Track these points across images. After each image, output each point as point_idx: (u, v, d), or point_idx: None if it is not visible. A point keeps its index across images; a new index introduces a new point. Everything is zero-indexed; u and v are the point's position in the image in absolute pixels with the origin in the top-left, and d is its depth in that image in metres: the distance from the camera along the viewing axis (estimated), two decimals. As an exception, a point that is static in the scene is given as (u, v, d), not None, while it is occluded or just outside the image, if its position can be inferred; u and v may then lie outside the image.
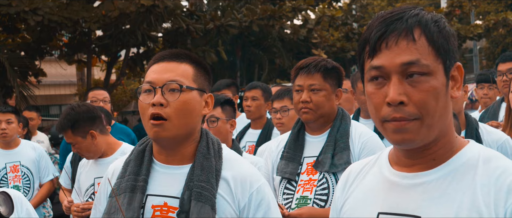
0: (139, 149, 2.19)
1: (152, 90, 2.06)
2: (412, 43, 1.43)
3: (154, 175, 2.12)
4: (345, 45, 16.27)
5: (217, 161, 2.10)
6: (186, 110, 2.06)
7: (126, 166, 2.16)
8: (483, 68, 25.27)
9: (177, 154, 2.11)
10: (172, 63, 2.11)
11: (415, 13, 1.47)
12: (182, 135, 2.07)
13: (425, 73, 1.43)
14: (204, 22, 13.09)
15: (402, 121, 1.43)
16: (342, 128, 3.14)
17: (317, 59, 3.19)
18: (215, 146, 2.14)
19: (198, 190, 2.01)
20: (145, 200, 2.08)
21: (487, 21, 18.38)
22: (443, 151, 1.50)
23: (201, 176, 2.04)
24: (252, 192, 2.07)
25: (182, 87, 2.05)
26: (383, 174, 1.58)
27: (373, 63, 1.46)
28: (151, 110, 2.04)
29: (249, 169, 2.14)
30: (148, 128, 2.05)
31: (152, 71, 2.11)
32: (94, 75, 19.41)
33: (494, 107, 4.92)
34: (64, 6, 11.11)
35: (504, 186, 1.41)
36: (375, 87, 1.47)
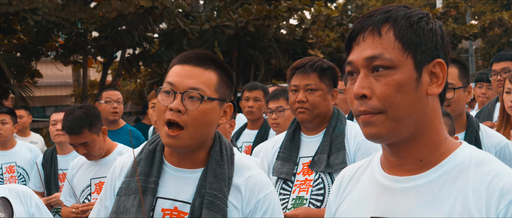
0: (150, 149, 2.14)
1: (172, 93, 2.02)
2: (377, 38, 1.46)
3: (165, 177, 2.09)
4: (341, 45, 16.27)
5: (229, 168, 2.07)
6: (204, 120, 2.02)
7: (137, 165, 2.12)
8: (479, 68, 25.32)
9: (189, 157, 2.08)
10: (197, 68, 2.05)
11: (387, 10, 1.49)
12: (195, 144, 2.04)
13: (389, 66, 1.45)
14: (200, 23, 13.09)
15: (366, 114, 1.45)
16: (337, 128, 3.15)
17: (313, 59, 3.20)
18: (228, 152, 2.11)
19: (211, 198, 1.99)
20: (155, 202, 2.05)
21: (483, 21, 18.40)
22: (429, 151, 1.49)
23: (214, 184, 2.01)
24: (259, 199, 2.05)
25: (203, 98, 2.01)
26: (375, 178, 1.58)
27: (347, 60, 1.51)
28: (168, 114, 2.00)
29: (259, 175, 2.11)
30: (163, 134, 2.01)
31: (174, 72, 2.06)
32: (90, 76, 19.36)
33: (489, 107, 4.93)
34: (61, 7, 11.10)
35: (496, 191, 1.41)
36: (350, 82, 1.51)
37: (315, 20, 15.17)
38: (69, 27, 11.09)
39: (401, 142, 1.49)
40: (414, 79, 1.45)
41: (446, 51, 1.51)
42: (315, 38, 15.84)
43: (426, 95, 1.47)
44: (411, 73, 1.45)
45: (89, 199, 3.87)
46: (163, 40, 13.37)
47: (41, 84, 15.08)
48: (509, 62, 4.94)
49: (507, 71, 4.76)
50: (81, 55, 13.15)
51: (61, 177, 4.90)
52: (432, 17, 1.52)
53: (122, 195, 2.08)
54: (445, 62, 1.50)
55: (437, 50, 1.49)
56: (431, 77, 1.48)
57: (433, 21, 1.51)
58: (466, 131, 3.43)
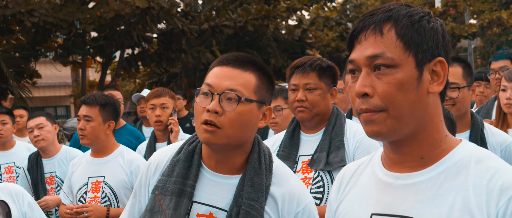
0: (188, 150, 2.11)
1: (210, 95, 2.00)
2: (379, 37, 1.47)
3: (202, 181, 2.06)
4: (340, 45, 16.29)
5: (267, 177, 2.04)
6: (241, 122, 1.99)
7: (174, 165, 2.08)
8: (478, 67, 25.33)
9: (227, 162, 2.05)
10: (236, 70, 2.03)
11: (389, 9, 1.50)
12: (233, 145, 2.02)
13: (390, 65, 1.45)
14: (199, 23, 13.10)
15: (368, 112, 1.46)
16: (337, 126, 3.16)
17: (312, 58, 3.21)
18: (266, 160, 2.08)
19: (247, 209, 1.96)
20: (190, 206, 2.02)
21: (482, 20, 18.44)
22: (430, 148, 1.50)
23: (251, 193, 1.98)
24: (298, 212, 2.03)
25: (241, 99, 1.99)
26: (376, 175, 1.59)
27: (349, 58, 1.52)
28: (205, 115, 1.98)
29: (298, 186, 2.09)
30: (200, 131, 1.99)
31: (213, 74, 2.04)
32: (89, 76, 19.39)
33: (487, 106, 4.94)
34: (59, 7, 11.11)
35: (496, 188, 1.41)
36: (352, 80, 1.52)
37: (313, 21, 15.19)
38: (67, 27, 11.11)
39: (402, 139, 1.49)
40: (415, 78, 1.46)
41: (447, 49, 1.52)
42: (314, 38, 15.86)
43: (427, 94, 1.48)
44: (412, 72, 1.46)
45: (85, 197, 3.86)
46: (162, 40, 13.38)
47: (40, 85, 15.09)
48: (508, 61, 4.95)
49: (505, 69, 4.77)
50: (80, 56, 13.17)
51: (48, 180, 4.90)
52: (433, 15, 1.53)
53: (159, 194, 2.05)
54: (446, 60, 1.50)
55: (438, 48, 1.49)
56: (432, 75, 1.49)
57: (434, 20, 1.52)
58: (471, 130, 3.43)
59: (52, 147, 4.94)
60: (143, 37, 12.39)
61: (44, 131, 4.93)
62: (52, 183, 4.90)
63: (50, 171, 4.89)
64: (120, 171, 3.84)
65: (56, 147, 4.97)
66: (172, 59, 13.42)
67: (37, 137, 4.87)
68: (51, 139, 4.94)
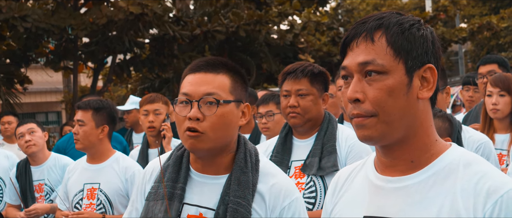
0: (177, 154, 2.17)
1: (189, 103, 2.05)
2: (370, 44, 1.52)
3: (191, 183, 2.11)
4: (332, 50, 16.33)
5: (254, 175, 2.08)
6: (223, 123, 2.05)
7: (165, 171, 2.15)
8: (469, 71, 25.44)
9: (213, 163, 2.10)
10: (209, 74, 2.08)
11: (380, 17, 1.54)
12: (218, 147, 2.06)
13: (381, 72, 1.50)
14: (191, 28, 13.11)
15: (359, 117, 1.51)
16: (329, 131, 3.19)
17: (304, 64, 3.24)
18: (252, 158, 2.12)
19: (234, 206, 2.01)
20: (181, 208, 2.08)
21: (472, 24, 18.51)
22: (420, 152, 1.54)
23: (238, 191, 2.03)
24: (284, 207, 2.06)
25: (219, 102, 2.04)
26: (368, 178, 1.62)
27: (342, 64, 1.57)
28: (187, 123, 2.03)
29: (285, 182, 2.12)
30: (184, 139, 2.04)
31: (188, 82, 2.09)
32: (81, 82, 19.36)
33: (476, 110, 4.96)
34: (51, 13, 11.09)
35: (483, 191, 1.45)
36: (345, 86, 1.56)
37: (305, 26, 15.22)
38: (59, 33, 11.08)
39: (393, 144, 1.54)
40: (405, 84, 1.50)
41: (437, 56, 1.56)
42: (306, 43, 15.89)
43: (417, 99, 1.52)
44: (403, 78, 1.50)
45: (81, 204, 3.86)
46: (154, 45, 13.37)
47: (31, 91, 15.05)
48: (495, 65, 4.98)
49: (492, 73, 4.79)
50: (71, 61, 13.13)
51: (37, 188, 4.87)
52: (423, 23, 1.57)
53: (151, 200, 2.11)
54: (435, 67, 1.55)
55: (427, 55, 1.54)
56: (422, 81, 1.53)
57: (424, 28, 1.56)
58: None
59: (42, 154, 4.90)
60: (135, 42, 12.38)
61: (35, 136, 4.89)
62: (41, 191, 4.87)
63: (39, 178, 4.85)
64: (115, 178, 3.84)
65: (45, 154, 4.93)
66: (164, 64, 13.41)
67: (29, 142, 4.83)
68: (41, 145, 4.91)
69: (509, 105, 4.00)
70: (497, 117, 4.04)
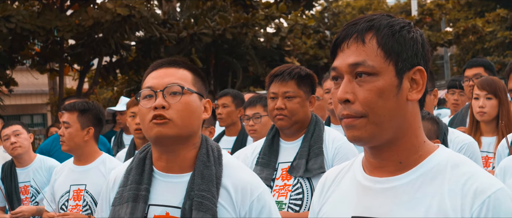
0: (140, 157, 2.18)
1: (153, 95, 2.08)
2: (361, 45, 1.53)
3: (155, 184, 2.11)
4: (318, 53, 16.40)
5: (217, 169, 2.09)
6: (188, 111, 2.07)
7: (128, 174, 2.16)
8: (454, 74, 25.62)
9: (177, 159, 2.11)
10: (171, 68, 2.14)
11: (371, 18, 1.55)
12: (184, 136, 2.07)
13: (371, 73, 1.51)
14: (178, 31, 13.09)
15: (349, 118, 1.52)
16: (316, 134, 3.20)
17: (291, 66, 3.25)
18: (215, 153, 2.14)
19: (199, 199, 2.01)
20: (147, 210, 2.08)
21: (457, 28, 18.66)
22: (408, 153, 1.55)
23: (202, 185, 2.04)
24: (253, 200, 2.07)
25: (184, 89, 2.08)
26: (356, 179, 1.63)
27: (332, 65, 1.58)
28: (152, 113, 2.05)
29: (249, 176, 2.14)
30: (150, 128, 2.05)
31: (151, 77, 2.13)
32: (66, 84, 19.24)
33: (462, 113, 5.00)
34: (36, 14, 11.03)
35: (470, 191, 1.47)
36: (335, 87, 1.57)
37: (291, 29, 15.26)
38: (45, 35, 11.01)
39: (382, 145, 1.55)
40: (395, 86, 1.52)
41: (427, 58, 1.57)
42: (292, 46, 15.93)
43: (406, 101, 1.54)
44: (392, 80, 1.51)
45: (66, 205, 3.85)
46: (141, 48, 13.34)
47: (16, 93, 14.94)
48: (481, 68, 5.01)
49: (478, 77, 4.82)
50: (57, 63, 13.06)
51: (23, 190, 4.85)
52: (413, 25, 1.59)
53: (117, 205, 2.11)
54: (425, 69, 1.56)
55: (417, 58, 1.55)
56: (412, 83, 1.54)
57: (414, 30, 1.57)
58: None
59: (27, 156, 4.89)
60: (121, 45, 12.34)
61: (21, 138, 4.88)
62: (27, 192, 4.85)
63: (24, 180, 4.83)
64: (102, 180, 3.82)
65: (30, 156, 4.92)
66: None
67: (14, 144, 4.82)
68: (27, 147, 4.90)
69: (495, 108, 4.03)
70: (483, 119, 4.07)
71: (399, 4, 31.36)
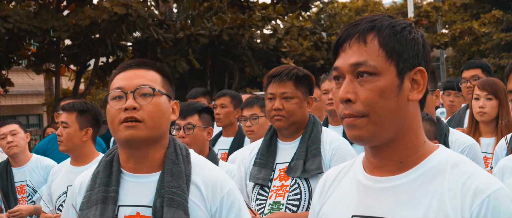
0: (107, 160, 2.18)
1: (123, 96, 2.07)
2: (363, 45, 1.54)
3: (124, 185, 2.12)
4: (314, 54, 16.40)
5: (186, 166, 2.11)
6: (159, 112, 2.08)
7: (95, 178, 2.15)
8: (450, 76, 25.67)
9: (146, 160, 2.11)
10: (140, 70, 2.14)
11: (373, 19, 1.57)
12: (154, 137, 2.08)
13: (373, 73, 1.52)
14: (174, 31, 13.09)
15: (351, 117, 1.53)
16: (313, 134, 3.20)
17: (289, 67, 3.26)
18: (183, 152, 2.15)
19: (170, 196, 2.03)
20: (117, 211, 2.08)
21: (453, 30, 18.70)
22: (408, 153, 1.56)
23: (172, 182, 2.05)
24: (223, 196, 2.09)
25: (155, 90, 2.08)
26: (357, 178, 1.64)
27: (334, 65, 1.58)
28: (123, 114, 2.04)
29: (218, 173, 2.17)
30: (121, 131, 2.05)
31: (120, 79, 2.12)
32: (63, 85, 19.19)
33: (459, 114, 5.03)
34: (33, 14, 11.01)
35: (470, 191, 1.48)
36: (336, 87, 1.58)
37: (288, 30, 15.28)
38: (41, 35, 11.00)
39: (383, 144, 1.56)
40: (396, 86, 1.53)
41: (427, 59, 1.59)
42: (289, 47, 15.95)
43: (407, 101, 1.55)
44: (394, 80, 1.53)
45: (64, 206, 3.85)
46: (137, 48, 13.33)
47: (12, 93, 14.92)
48: (479, 70, 5.04)
49: (476, 78, 4.86)
50: (53, 64, 13.04)
51: (19, 189, 4.85)
52: (415, 26, 1.60)
53: (85, 209, 2.11)
54: (425, 69, 1.57)
55: (418, 58, 1.56)
56: (412, 84, 1.56)
57: (415, 31, 1.58)
58: None
59: (23, 155, 4.89)
60: (118, 45, 12.34)
61: (18, 137, 4.89)
62: (23, 192, 4.85)
63: (20, 180, 4.83)
64: None
65: (27, 155, 4.93)
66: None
67: (11, 143, 4.82)
68: (23, 146, 4.90)
69: (495, 108, 4.06)
70: (483, 120, 4.09)
71: (396, 6, 31.41)
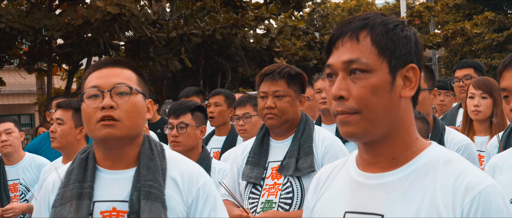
0: (81, 157, 2.18)
1: (99, 95, 2.07)
2: (355, 43, 1.55)
3: (100, 181, 2.12)
4: (307, 54, 16.42)
5: (162, 161, 2.12)
6: (136, 111, 2.09)
7: (69, 175, 2.15)
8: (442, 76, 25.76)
9: (123, 157, 2.12)
10: (115, 68, 2.14)
11: (365, 17, 1.58)
12: (131, 136, 2.09)
13: (365, 70, 1.53)
14: (167, 31, 13.07)
15: (343, 114, 1.54)
16: (306, 133, 3.21)
17: (281, 66, 3.26)
18: (158, 148, 2.17)
19: (147, 189, 2.03)
20: (92, 207, 2.08)
21: (446, 30, 18.74)
22: (401, 150, 1.57)
23: (148, 175, 2.06)
24: (199, 188, 2.11)
25: (132, 89, 2.09)
26: (350, 175, 1.65)
27: (327, 62, 1.59)
28: (100, 113, 2.05)
29: (193, 166, 2.19)
30: (98, 129, 2.05)
31: (95, 77, 2.12)
32: (55, 84, 19.15)
33: (452, 113, 5.05)
34: (25, 14, 10.97)
35: (461, 187, 1.49)
36: (329, 84, 1.59)
37: (281, 30, 15.28)
38: (34, 34, 10.96)
39: (375, 141, 1.57)
40: (389, 83, 1.54)
41: (420, 57, 1.60)
42: (282, 47, 15.96)
43: (399, 98, 1.56)
44: (386, 77, 1.54)
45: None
46: (130, 47, 13.30)
47: (3, 92, 14.87)
48: (471, 69, 5.07)
49: (468, 77, 4.89)
50: (45, 63, 13.00)
51: (12, 188, 4.83)
52: (407, 24, 1.61)
53: (58, 206, 2.10)
54: (418, 67, 1.58)
55: (410, 55, 1.57)
56: (405, 81, 1.57)
57: (407, 29, 1.59)
58: (432, 133, 3.55)
59: (17, 154, 4.89)
60: (111, 44, 12.30)
61: (12, 136, 4.88)
62: (16, 190, 4.84)
63: (13, 178, 4.82)
64: None
65: (20, 154, 4.92)
66: (140, 66, 13.33)
67: (5, 142, 4.81)
68: (17, 145, 4.90)
69: (490, 107, 4.07)
70: (478, 118, 4.11)
71: (388, 6, 31.50)
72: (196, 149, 3.70)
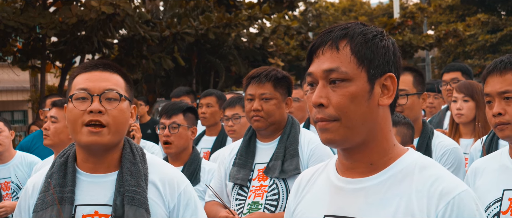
0: (60, 161, 2.18)
1: (88, 98, 2.08)
2: (335, 52, 1.60)
3: (81, 185, 2.12)
4: (300, 53, 16.47)
5: (143, 166, 2.15)
6: (123, 118, 2.11)
7: (49, 179, 2.14)
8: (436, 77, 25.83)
9: (104, 161, 2.13)
10: (105, 73, 2.15)
11: (345, 27, 1.62)
12: (115, 142, 2.12)
13: (344, 79, 1.58)
14: (161, 30, 13.08)
15: (323, 121, 1.59)
16: (291, 135, 3.25)
17: (267, 69, 3.30)
18: (139, 152, 2.19)
19: (131, 194, 2.06)
20: (74, 211, 2.08)
21: (439, 31, 18.84)
22: (379, 156, 1.62)
23: (131, 181, 2.08)
24: (180, 193, 2.15)
25: (121, 96, 2.11)
26: (330, 180, 1.70)
27: (308, 71, 1.64)
28: (88, 117, 2.06)
29: (174, 171, 2.22)
30: (84, 134, 2.06)
31: (85, 79, 2.13)
32: (48, 81, 19.11)
33: (439, 116, 5.10)
34: (20, 11, 10.97)
35: (436, 193, 1.55)
36: (310, 92, 1.64)
37: (274, 30, 15.32)
38: (28, 31, 10.96)
39: (354, 147, 1.62)
40: (367, 91, 1.59)
41: (398, 66, 1.65)
42: (275, 47, 15.99)
43: (378, 106, 1.61)
44: (365, 86, 1.59)
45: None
46: (123, 46, 13.31)
47: (-3, 89, 14.84)
48: (458, 73, 5.11)
49: (456, 81, 4.92)
50: (39, 60, 12.99)
51: (3, 186, 4.84)
52: (386, 34, 1.66)
53: (39, 211, 2.10)
54: (396, 76, 1.63)
55: (389, 65, 1.62)
56: (383, 89, 1.62)
57: (386, 39, 1.65)
58: (420, 137, 3.59)
59: (7, 153, 4.88)
60: (104, 43, 12.31)
61: (2, 136, 4.87)
62: (8, 189, 4.84)
63: (4, 177, 4.82)
64: None
65: (11, 152, 4.91)
66: (133, 65, 13.36)
67: None
68: (7, 144, 4.89)
69: (472, 110, 4.13)
70: (461, 121, 4.17)
71: (382, 6, 31.53)
72: (187, 149, 3.76)
